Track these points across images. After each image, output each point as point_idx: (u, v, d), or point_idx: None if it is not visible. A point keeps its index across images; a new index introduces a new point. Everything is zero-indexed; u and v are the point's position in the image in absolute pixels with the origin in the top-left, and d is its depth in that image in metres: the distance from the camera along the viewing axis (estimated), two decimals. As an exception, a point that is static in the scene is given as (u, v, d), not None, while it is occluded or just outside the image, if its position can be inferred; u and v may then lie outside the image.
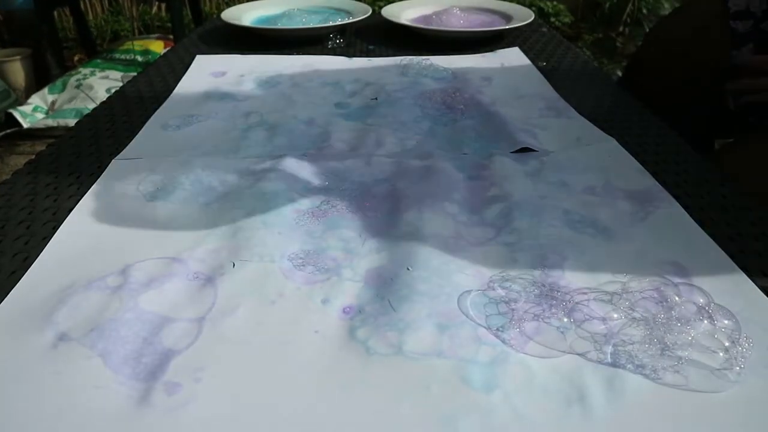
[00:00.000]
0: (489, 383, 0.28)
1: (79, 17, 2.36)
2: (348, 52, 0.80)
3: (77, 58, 2.43)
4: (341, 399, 0.28)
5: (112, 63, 2.07)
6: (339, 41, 0.85)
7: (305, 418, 0.27)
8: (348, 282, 0.35)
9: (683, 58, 0.73)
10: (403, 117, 0.58)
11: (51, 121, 1.83)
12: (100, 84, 1.92)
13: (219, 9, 2.67)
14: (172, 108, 0.61)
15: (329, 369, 0.29)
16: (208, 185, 0.45)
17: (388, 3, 0.98)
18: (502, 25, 0.86)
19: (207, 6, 2.80)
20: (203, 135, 0.54)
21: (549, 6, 2.66)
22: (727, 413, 0.27)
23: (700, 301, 0.33)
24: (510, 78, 0.69)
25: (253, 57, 0.77)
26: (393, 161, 0.49)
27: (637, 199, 0.43)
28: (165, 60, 0.78)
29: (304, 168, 0.48)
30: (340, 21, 0.87)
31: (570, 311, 0.32)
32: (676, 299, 0.33)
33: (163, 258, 0.37)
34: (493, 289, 0.34)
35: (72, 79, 1.95)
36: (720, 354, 0.30)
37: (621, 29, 2.59)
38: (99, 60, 2.10)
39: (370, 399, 0.28)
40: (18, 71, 2.05)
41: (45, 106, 1.91)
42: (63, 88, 1.94)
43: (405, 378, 0.29)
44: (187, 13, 2.24)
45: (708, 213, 0.42)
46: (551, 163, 0.49)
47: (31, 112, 1.87)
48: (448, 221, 0.41)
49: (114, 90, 0.68)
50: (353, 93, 0.64)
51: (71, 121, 1.75)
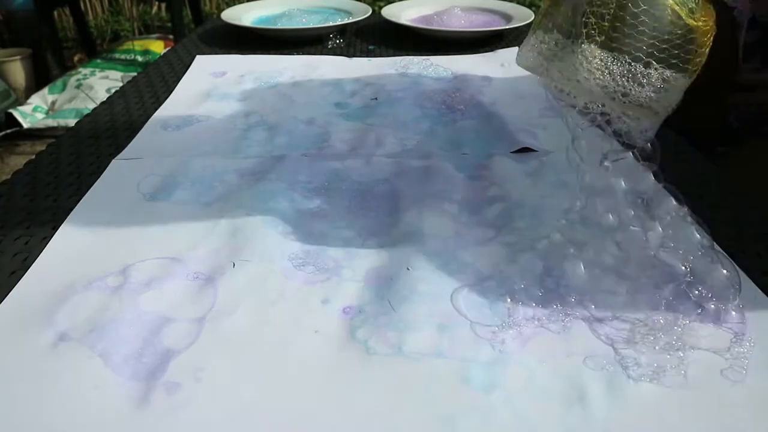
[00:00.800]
0: (489, 383, 0.28)
1: (79, 17, 2.36)
2: (348, 52, 0.80)
3: (77, 58, 2.43)
4: (341, 399, 0.28)
5: (112, 63, 2.07)
6: (339, 41, 0.85)
7: (305, 417, 0.27)
8: (348, 282, 0.35)
9: None
10: (403, 117, 0.58)
11: (51, 121, 1.84)
12: (100, 84, 1.92)
13: (219, 9, 2.67)
14: (172, 108, 0.61)
15: (329, 369, 0.29)
16: (208, 185, 0.45)
17: (388, 3, 0.98)
18: (502, 25, 0.86)
19: (207, 6, 2.80)
20: (203, 135, 0.54)
21: (549, 6, 2.66)
22: (728, 413, 0.27)
23: (700, 302, 0.33)
24: (510, 78, 0.69)
25: (253, 57, 0.77)
26: (393, 161, 0.49)
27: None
28: (165, 60, 0.78)
29: (304, 168, 0.48)
30: (340, 21, 0.86)
31: (570, 312, 0.32)
32: (677, 299, 0.33)
33: (163, 258, 0.37)
34: (493, 289, 0.34)
35: (72, 79, 1.95)
36: (721, 354, 0.30)
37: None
38: (99, 60, 2.10)
39: (370, 399, 0.28)
40: (18, 71, 2.05)
41: (45, 106, 1.91)
42: (63, 88, 1.94)
43: (405, 378, 0.29)
44: (187, 13, 2.24)
45: (708, 213, 0.42)
46: (551, 163, 0.49)
47: (31, 112, 1.87)
48: (448, 221, 0.41)
49: (114, 90, 0.68)
50: (353, 93, 0.64)
51: (71, 121, 1.75)
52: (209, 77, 0.70)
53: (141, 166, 0.48)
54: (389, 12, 0.90)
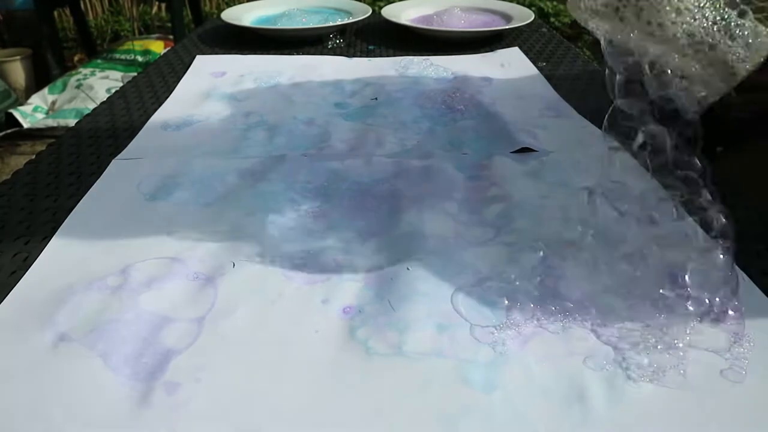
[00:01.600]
0: (489, 383, 0.28)
1: (79, 17, 2.36)
2: (348, 52, 0.80)
3: (77, 58, 2.43)
4: (341, 399, 0.28)
5: (112, 63, 2.07)
6: (339, 41, 0.85)
7: (305, 417, 0.27)
8: (348, 282, 0.35)
9: None
10: (403, 117, 0.58)
11: (51, 121, 1.83)
12: (100, 84, 1.92)
13: (219, 9, 2.67)
14: (172, 108, 0.61)
15: (329, 369, 0.29)
16: (208, 185, 0.45)
17: (388, 3, 0.98)
18: (502, 25, 0.86)
19: (207, 6, 2.80)
20: (203, 135, 0.54)
21: (549, 6, 2.66)
22: (728, 414, 0.27)
23: (700, 302, 0.33)
24: (510, 78, 0.69)
25: (253, 57, 0.77)
26: (393, 161, 0.49)
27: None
28: (165, 60, 0.78)
29: (304, 168, 0.48)
30: (340, 21, 0.86)
31: (570, 312, 0.32)
32: (677, 299, 0.33)
33: (163, 258, 0.37)
34: (493, 289, 0.34)
35: (72, 79, 1.95)
36: (721, 354, 0.30)
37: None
38: (99, 60, 2.10)
39: (370, 399, 0.28)
40: (18, 71, 2.05)
41: (45, 106, 1.91)
42: (63, 88, 1.94)
43: (405, 378, 0.29)
44: (187, 13, 2.24)
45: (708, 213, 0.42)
46: (551, 163, 0.49)
47: (31, 112, 1.87)
48: (448, 221, 0.41)
49: (114, 90, 0.68)
50: (353, 93, 0.64)
51: (71, 121, 1.75)
52: (209, 77, 0.70)
53: (141, 166, 0.48)
54: (389, 12, 0.90)
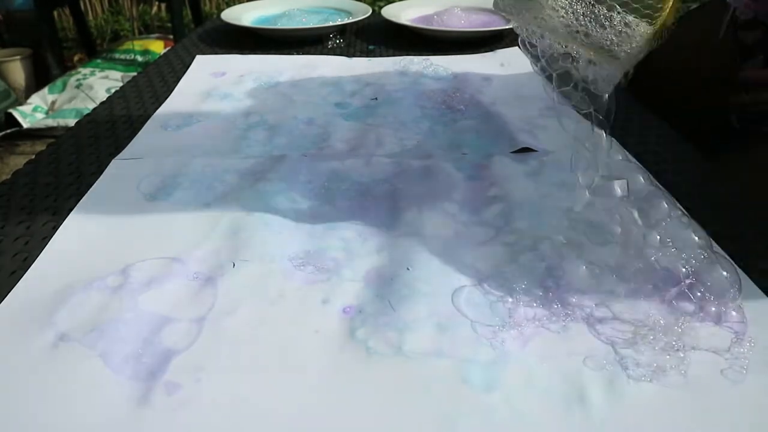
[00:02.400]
0: (489, 383, 0.28)
1: (79, 17, 2.36)
2: (348, 52, 0.80)
3: (77, 58, 2.43)
4: (341, 399, 0.28)
5: (112, 63, 2.07)
6: (339, 41, 0.85)
7: (305, 418, 0.27)
8: (348, 282, 0.35)
9: (687, 66, 0.71)
10: (403, 117, 0.58)
11: (51, 121, 1.84)
12: (100, 84, 1.93)
13: (219, 9, 2.67)
14: (172, 108, 0.61)
15: (329, 369, 0.29)
16: (208, 185, 0.45)
17: (388, 3, 0.98)
18: (502, 25, 0.86)
19: (207, 6, 2.80)
20: (203, 135, 0.54)
21: (549, 6, 2.66)
22: (728, 413, 0.27)
23: (700, 302, 0.33)
24: (510, 78, 0.69)
25: (253, 57, 0.77)
26: (393, 161, 0.49)
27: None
28: (165, 60, 0.78)
29: (304, 168, 0.48)
30: (340, 21, 0.86)
31: (570, 312, 0.32)
32: (677, 299, 0.33)
33: (163, 258, 0.37)
34: (493, 289, 0.34)
35: (72, 79, 1.95)
36: (721, 354, 0.30)
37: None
38: (99, 60, 2.11)
39: (370, 399, 0.28)
40: (18, 71, 2.05)
41: (45, 106, 1.91)
42: (63, 88, 1.94)
43: (405, 378, 0.29)
44: (187, 13, 2.24)
45: (708, 213, 0.42)
46: (551, 163, 0.49)
47: (31, 112, 1.87)
48: (448, 221, 0.41)
49: (114, 90, 0.68)
50: (353, 93, 0.64)
51: (71, 121, 1.76)
52: (209, 77, 0.70)
53: (141, 166, 0.48)
54: (389, 12, 0.90)
